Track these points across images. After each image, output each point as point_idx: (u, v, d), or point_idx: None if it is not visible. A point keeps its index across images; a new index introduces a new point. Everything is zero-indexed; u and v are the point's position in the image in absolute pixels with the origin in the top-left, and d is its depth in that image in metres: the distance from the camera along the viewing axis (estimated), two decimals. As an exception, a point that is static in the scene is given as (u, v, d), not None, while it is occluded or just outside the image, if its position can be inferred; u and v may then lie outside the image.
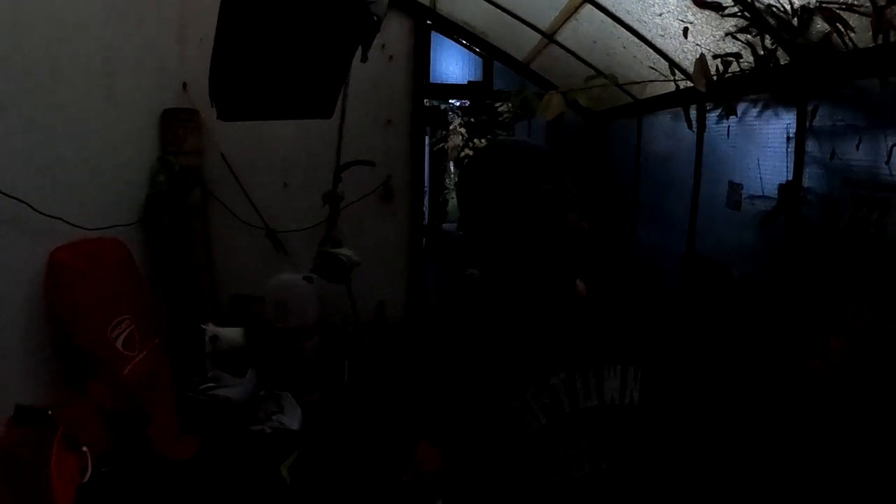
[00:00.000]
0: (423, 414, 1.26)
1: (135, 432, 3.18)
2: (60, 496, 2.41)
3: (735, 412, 2.62)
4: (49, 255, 2.91)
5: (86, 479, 2.62)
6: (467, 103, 8.79)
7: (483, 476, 1.12)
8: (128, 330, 3.31)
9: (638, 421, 1.11)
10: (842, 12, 1.98)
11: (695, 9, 2.67)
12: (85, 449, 2.68)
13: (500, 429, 1.08)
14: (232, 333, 4.07)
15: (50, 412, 2.60)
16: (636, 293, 1.32)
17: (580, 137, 5.30)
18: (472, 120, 8.81)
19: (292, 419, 3.90)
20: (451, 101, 8.83)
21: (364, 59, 3.44)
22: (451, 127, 9.05)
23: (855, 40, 2.03)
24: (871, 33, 1.93)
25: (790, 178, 2.54)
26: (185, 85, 4.59)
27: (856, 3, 1.93)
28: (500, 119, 8.40)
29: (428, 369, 1.22)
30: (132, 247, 3.68)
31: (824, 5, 2.03)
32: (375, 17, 3.19)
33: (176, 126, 4.45)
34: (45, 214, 2.84)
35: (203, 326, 4.02)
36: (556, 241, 1.05)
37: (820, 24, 2.13)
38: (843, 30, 2.01)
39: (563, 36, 4.07)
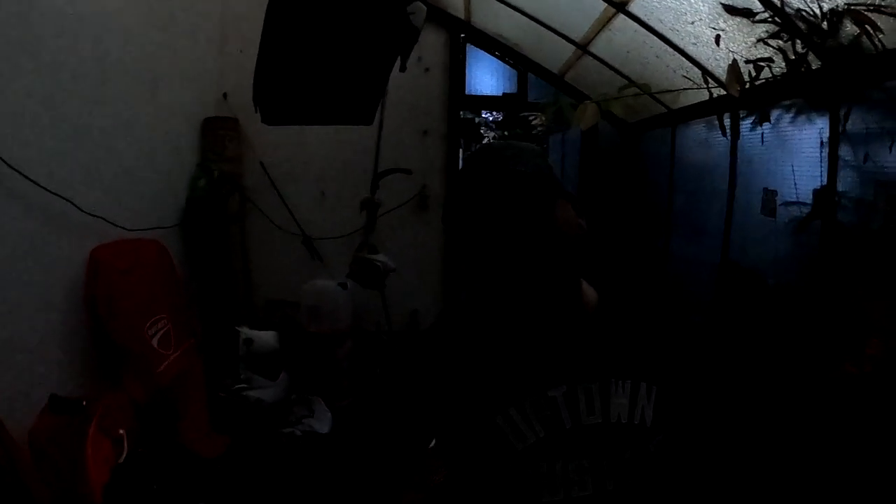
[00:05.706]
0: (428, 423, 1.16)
1: (166, 428, 3.25)
2: (95, 477, 2.48)
3: (767, 430, 2.55)
4: (90, 253, 3.01)
5: (121, 460, 2.69)
6: (500, 117, 8.79)
7: (481, 488, 1.06)
8: (164, 329, 3.40)
9: (649, 443, 1.04)
10: (870, 14, 1.96)
11: (726, 16, 2.66)
12: (122, 432, 2.75)
13: (497, 440, 1.02)
14: (266, 337, 4.14)
15: (84, 403, 2.68)
16: (665, 304, 1.23)
17: (614, 149, 5.28)
18: (505, 133, 8.81)
19: (322, 423, 3.94)
20: (483, 114, 8.85)
21: (403, 68, 3.50)
22: (483, 141, 9.07)
23: (884, 42, 2.01)
24: (900, 34, 1.92)
25: (824, 182, 2.51)
26: (225, 95, 4.72)
27: (883, 4, 1.91)
28: (534, 132, 8.39)
29: (435, 377, 1.14)
30: (171, 249, 3.78)
31: (852, 7, 2.01)
32: (415, 27, 3.25)
33: (216, 134, 4.58)
34: (87, 213, 2.95)
35: (237, 329, 4.09)
36: (540, 232, 0.97)
37: (849, 27, 2.11)
38: (871, 31, 1.99)
39: (597, 47, 4.07)
